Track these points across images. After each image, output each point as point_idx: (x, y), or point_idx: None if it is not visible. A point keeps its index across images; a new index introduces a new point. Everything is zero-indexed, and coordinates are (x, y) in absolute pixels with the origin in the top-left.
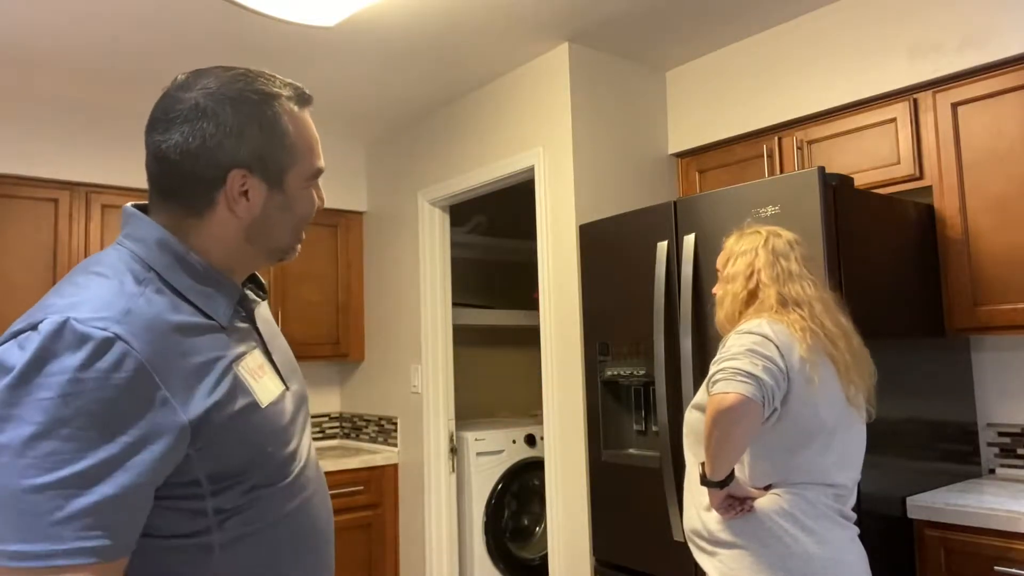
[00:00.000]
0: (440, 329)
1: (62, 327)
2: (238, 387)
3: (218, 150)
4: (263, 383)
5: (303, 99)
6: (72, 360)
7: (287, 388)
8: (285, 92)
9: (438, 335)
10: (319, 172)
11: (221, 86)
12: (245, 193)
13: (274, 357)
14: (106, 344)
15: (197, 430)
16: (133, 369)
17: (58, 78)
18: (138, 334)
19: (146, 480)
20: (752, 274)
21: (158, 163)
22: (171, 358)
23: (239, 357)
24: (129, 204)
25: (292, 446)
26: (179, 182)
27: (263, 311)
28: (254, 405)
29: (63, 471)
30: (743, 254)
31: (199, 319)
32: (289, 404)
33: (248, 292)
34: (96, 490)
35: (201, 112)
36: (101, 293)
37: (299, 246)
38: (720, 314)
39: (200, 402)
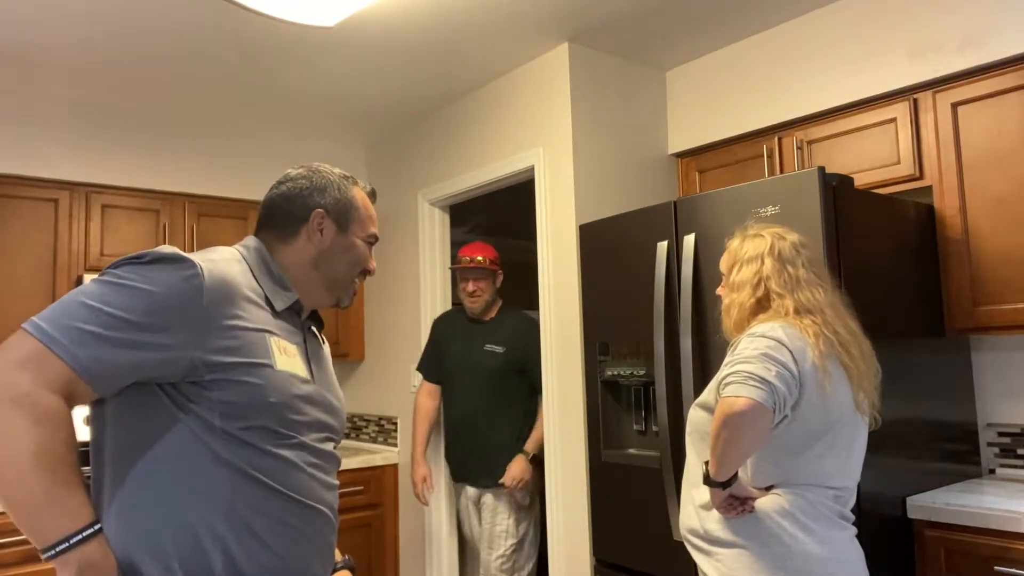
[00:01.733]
0: None
1: (169, 251)
2: (261, 347)
3: (308, 198)
4: (285, 358)
5: (371, 194)
6: (163, 264)
7: (314, 382)
8: (360, 182)
9: None
10: (374, 236)
11: (316, 166)
12: (321, 230)
13: (314, 370)
14: (188, 265)
15: (213, 363)
16: (195, 288)
17: (59, 78)
18: (212, 273)
19: (139, 355)
20: (759, 282)
21: (267, 207)
22: (223, 304)
23: (277, 336)
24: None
25: (303, 418)
26: (278, 217)
27: (325, 350)
28: (269, 364)
29: (104, 308)
30: (749, 262)
31: (261, 301)
32: (311, 390)
33: (308, 322)
34: (109, 333)
35: (301, 177)
36: (207, 252)
37: (353, 294)
38: (728, 322)
39: (224, 342)
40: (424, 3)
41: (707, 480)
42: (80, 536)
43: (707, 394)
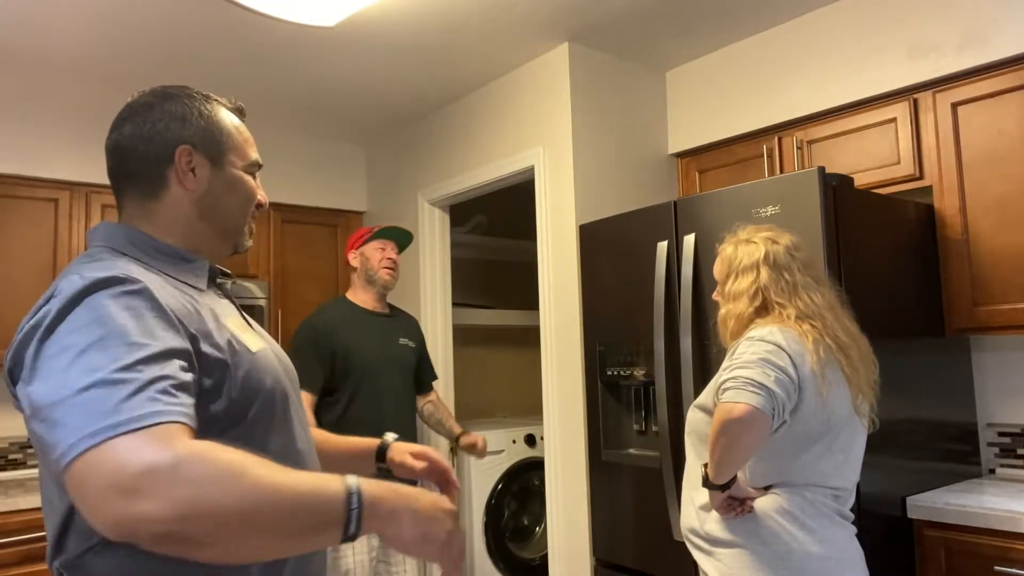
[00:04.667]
0: (440, 329)
1: (80, 279)
2: (229, 335)
3: (166, 131)
4: (247, 336)
5: (239, 111)
6: (91, 293)
7: (269, 347)
8: (222, 100)
9: (438, 335)
10: (256, 163)
11: (166, 90)
12: (192, 169)
13: (259, 333)
14: (121, 280)
15: (205, 360)
16: (148, 296)
17: (59, 78)
18: (143, 277)
19: (181, 364)
20: (757, 292)
21: (115, 155)
22: (170, 301)
23: (222, 316)
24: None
25: (282, 391)
26: (135, 164)
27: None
28: (246, 350)
29: (116, 365)
30: (744, 272)
31: (182, 286)
32: (276, 360)
33: (221, 281)
34: (143, 375)
35: (148, 107)
36: (102, 265)
37: (250, 237)
38: (724, 332)
39: (200, 337)
40: (424, 3)
41: (706, 483)
42: (351, 479)
43: (705, 395)
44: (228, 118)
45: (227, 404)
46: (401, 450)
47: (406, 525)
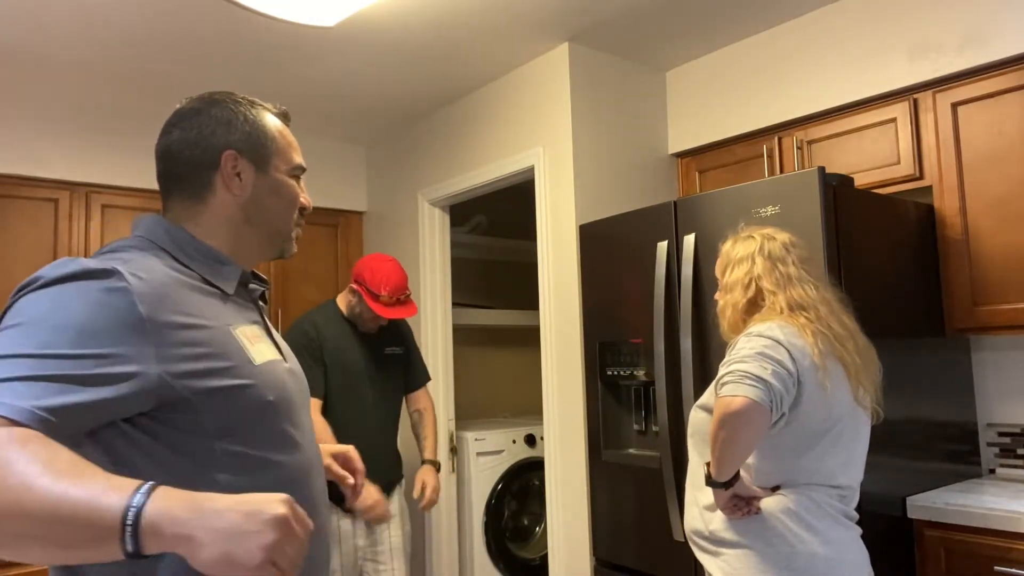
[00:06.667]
0: (440, 329)
1: (70, 262)
2: (231, 344)
3: (212, 137)
4: (258, 347)
5: (283, 116)
6: (70, 281)
7: (285, 360)
8: (267, 105)
9: (438, 335)
10: (300, 167)
11: (212, 95)
12: (238, 174)
13: (277, 342)
14: (104, 273)
15: (186, 372)
16: (123, 299)
17: (59, 78)
18: (136, 274)
19: (93, 394)
20: (751, 282)
21: (164, 159)
22: (165, 305)
23: (236, 323)
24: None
25: (293, 405)
26: (182, 168)
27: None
28: (248, 361)
29: (18, 348)
30: (740, 262)
31: (203, 285)
32: (284, 371)
33: (254, 286)
34: (25, 369)
35: (196, 112)
36: (107, 257)
37: (295, 242)
38: (723, 324)
39: (188, 349)
40: (424, 3)
41: (709, 481)
42: (140, 492)
43: (707, 396)
44: (272, 123)
45: (215, 414)
46: (323, 452)
47: (203, 547)
